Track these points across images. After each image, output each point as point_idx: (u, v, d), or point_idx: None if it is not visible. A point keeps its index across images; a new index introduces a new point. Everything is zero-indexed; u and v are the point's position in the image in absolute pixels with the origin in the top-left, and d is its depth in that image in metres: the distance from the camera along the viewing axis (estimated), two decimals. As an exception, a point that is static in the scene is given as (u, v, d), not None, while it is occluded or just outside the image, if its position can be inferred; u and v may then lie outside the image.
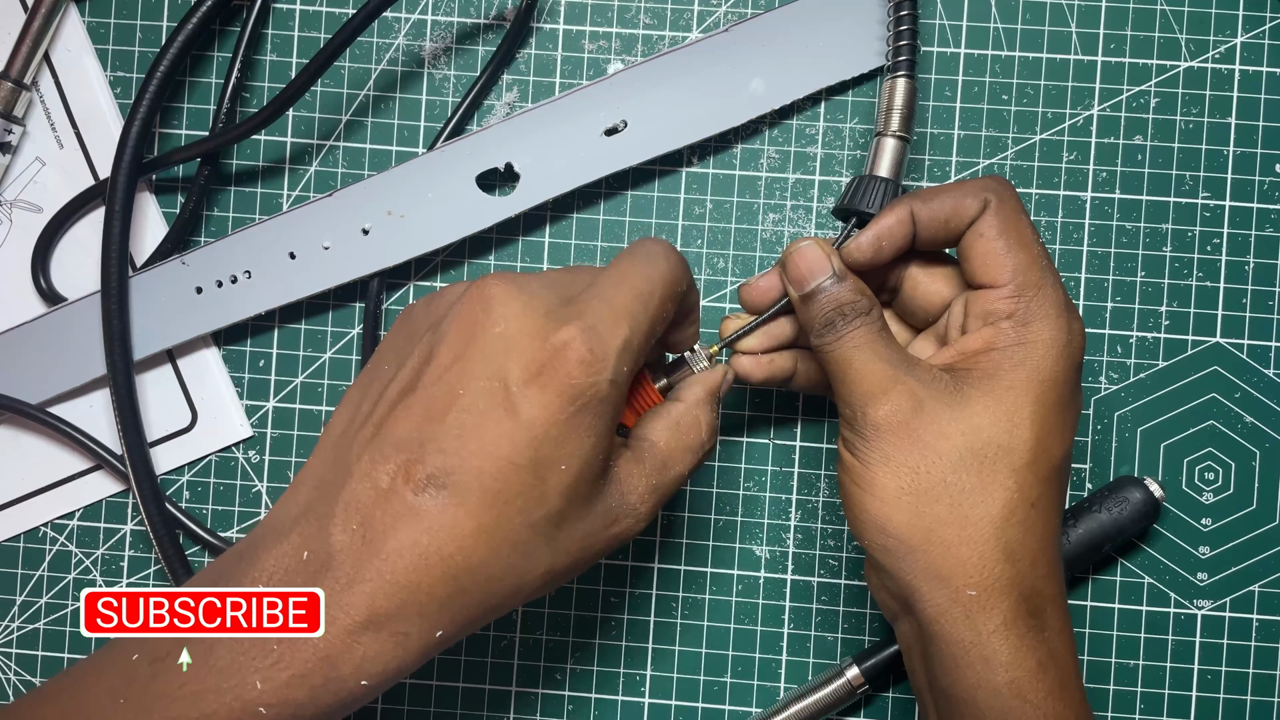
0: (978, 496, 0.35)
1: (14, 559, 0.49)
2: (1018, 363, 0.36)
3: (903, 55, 0.41)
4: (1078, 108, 0.47)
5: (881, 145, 0.41)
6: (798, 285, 0.38)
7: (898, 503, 0.36)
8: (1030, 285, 0.36)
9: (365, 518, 0.32)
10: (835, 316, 0.37)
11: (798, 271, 0.38)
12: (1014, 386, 0.36)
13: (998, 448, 0.35)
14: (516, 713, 0.48)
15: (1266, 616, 0.46)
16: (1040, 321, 0.36)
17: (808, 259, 0.38)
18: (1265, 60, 0.46)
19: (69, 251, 0.49)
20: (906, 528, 0.35)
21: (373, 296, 0.47)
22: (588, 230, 0.48)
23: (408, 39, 0.48)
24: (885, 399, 0.36)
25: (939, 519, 0.35)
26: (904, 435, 0.36)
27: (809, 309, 0.38)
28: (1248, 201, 0.46)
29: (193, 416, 0.49)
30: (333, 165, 0.48)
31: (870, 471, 0.36)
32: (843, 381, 0.37)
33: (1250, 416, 0.46)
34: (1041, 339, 0.36)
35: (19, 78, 0.47)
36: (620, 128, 0.46)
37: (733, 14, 0.47)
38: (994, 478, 0.35)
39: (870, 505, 0.36)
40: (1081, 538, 0.44)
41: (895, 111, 0.41)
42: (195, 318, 0.47)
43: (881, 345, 0.37)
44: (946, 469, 0.35)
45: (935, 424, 0.35)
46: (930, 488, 0.35)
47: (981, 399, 0.36)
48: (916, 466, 0.35)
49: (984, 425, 0.35)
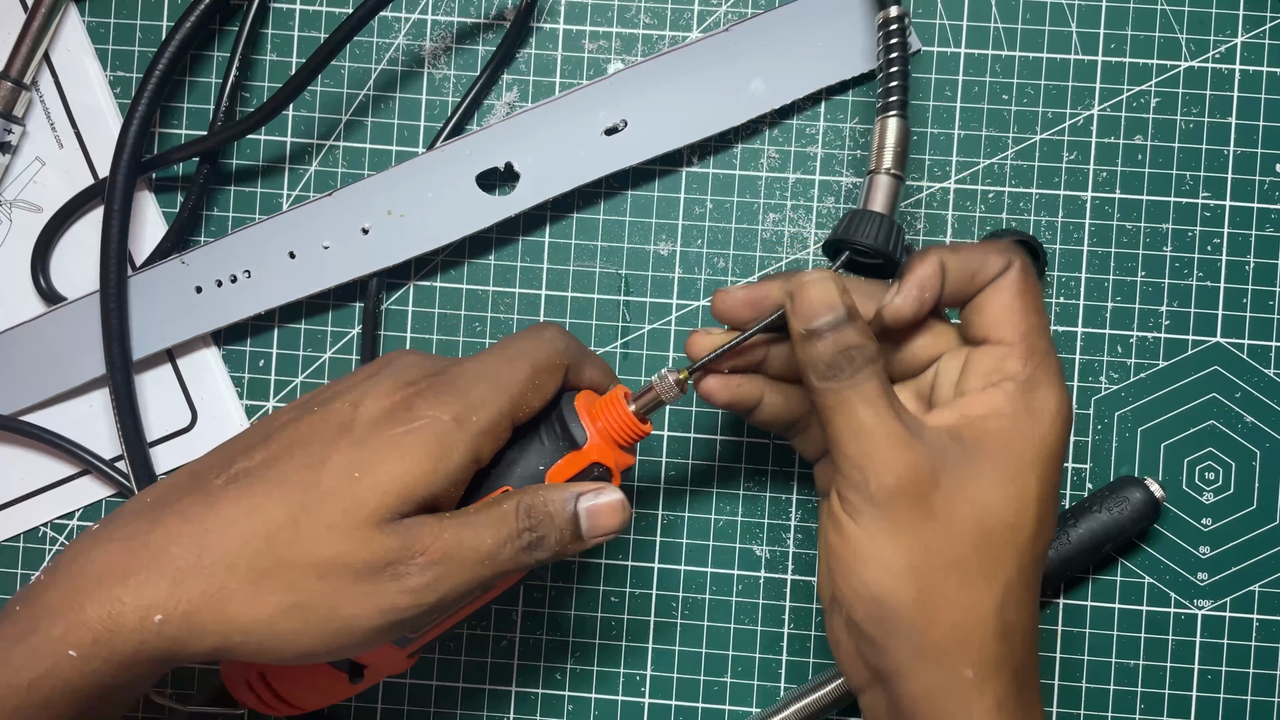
0: (983, 577, 0.34)
1: (14, 559, 0.49)
2: (1026, 435, 0.34)
3: (894, 95, 0.41)
4: (1078, 108, 0.47)
5: (875, 182, 0.40)
6: (805, 320, 0.35)
7: (902, 578, 0.33)
8: (1039, 350, 0.35)
9: (163, 495, 0.35)
10: (842, 360, 0.34)
11: (808, 306, 0.35)
12: (1023, 462, 0.34)
13: (1006, 527, 0.34)
14: (516, 713, 0.48)
15: (1267, 616, 0.46)
16: (1046, 390, 0.35)
17: (820, 292, 0.35)
18: (1265, 60, 0.46)
19: (68, 251, 0.49)
20: (909, 605, 0.34)
21: (372, 296, 0.47)
22: (588, 230, 0.48)
23: (408, 39, 0.48)
24: (900, 465, 0.33)
25: (945, 598, 0.34)
26: (917, 507, 0.33)
27: (812, 347, 0.35)
28: (1248, 201, 0.46)
29: (192, 416, 0.48)
30: (332, 165, 0.48)
31: (874, 542, 0.34)
32: (850, 437, 0.34)
33: (1250, 416, 0.46)
34: (1048, 409, 0.35)
35: (19, 77, 0.47)
36: (620, 127, 0.46)
37: (733, 14, 0.47)
38: (1000, 559, 0.34)
39: (870, 576, 0.34)
40: (1081, 538, 0.44)
41: (888, 149, 0.40)
42: (195, 317, 0.47)
43: (892, 401, 0.34)
44: (958, 548, 0.34)
45: (948, 498, 0.34)
46: (940, 566, 0.34)
47: (994, 474, 0.34)
48: (929, 544, 0.33)
49: (995, 503, 0.34)
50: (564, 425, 0.37)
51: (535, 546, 0.35)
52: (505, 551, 0.34)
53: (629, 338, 0.48)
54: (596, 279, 0.48)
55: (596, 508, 0.36)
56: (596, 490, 0.36)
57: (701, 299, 0.47)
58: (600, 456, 0.37)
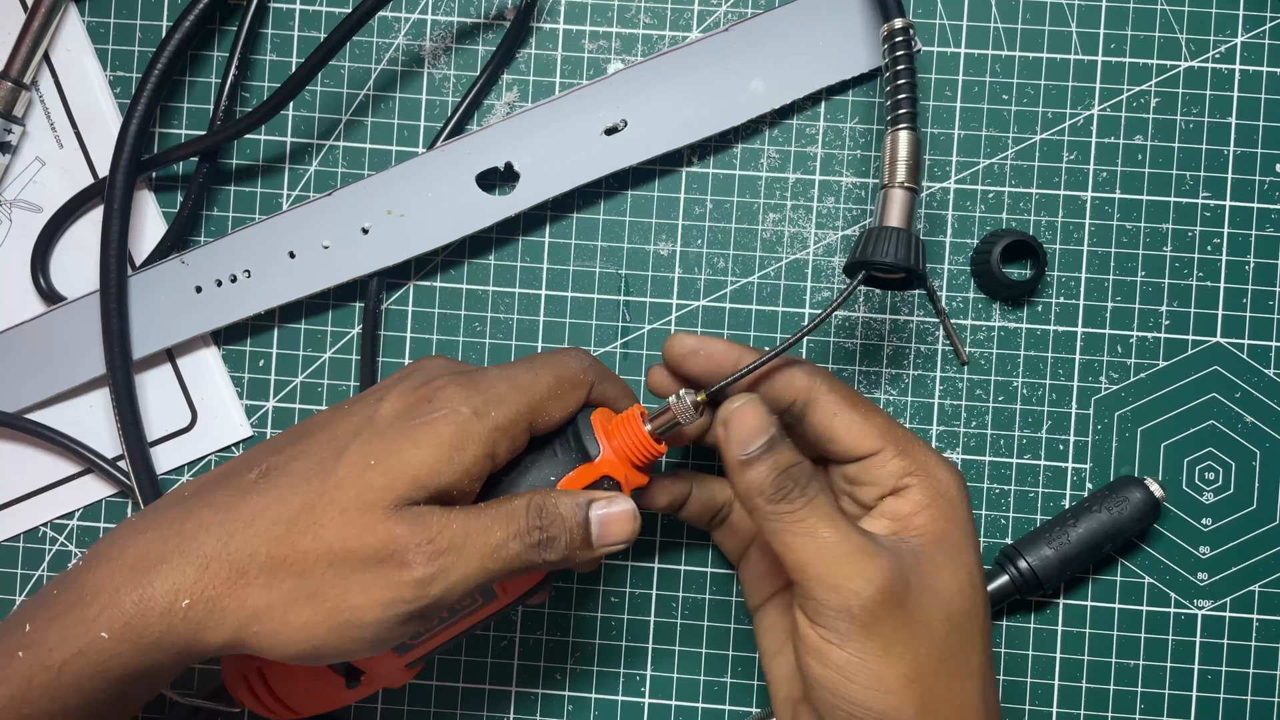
0: (963, 670, 0.35)
1: (14, 559, 0.49)
2: (952, 518, 0.36)
3: (903, 109, 0.40)
4: (1078, 108, 0.47)
5: (889, 196, 0.40)
6: (742, 446, 0.34)
7: (905, 693, 0.33)
8: (901, 438, 0.37)
9: (198, 489, 0.36)
10: (787, 482, 0.34)
11: (744, 431, 0.34)
12: (961, 546, 0.35)
13: (965, 614, 0.35)
14: (516, 713, 0.48)
15: (1267, 616, 0.46)
16: (938, 469, 0.36)
17: (753, 417, 0.35)
18: (1265, 60, 0.46)
19: (68, 251, 0.49)
20: (914, 717, 0.34)
21: (372, 296, 0.47)
22: (588, 230, 0.48)
23: (408, 39, 0.48)
24: (876, 575, 0.33)
25: (941, 699, 0.34)
26: (898, 616, 0.33)
27: (753, 472, 0.34)
28: (1248, 201, 0.46)
29: (192, 416, 0.48)
30: (332, 165, 0.48)
31: (870, 665, 0.33)
32: (815, 558, 0.34)
33: (1250, 416, 0.46)
34: (950, 485, 0.36)
35: (19, 77, 0.47)
36: (620, 127, 0.46)
37: (733, 14, 0.47)
38: (971, 645, 0.35)
39: (876, 702, 0.33)
40: (1081, 538, 0.44)
41: (901, 163, 0.40)
42: (195, 317, 0.47)
43: (844, 518, 0.34)
44: (940, 648, 0.34)
45: (919, 601, 0.34)
46: (931, 670, 0.34)
47: (946, 566, 0.35)
48: (917, 651, 0.34)
49: (954, 595, 0.35)
50: (578, 439, 0.38)
51: (544, 546, 0.35)
52: (513, 547, 0.34)
53: (629, 338, 0.48)
54: (596, 279, 0.48)
55: (608, 516, 0.36)
56: (609, 499, 0.36)
57: (701, 299, 0.47)
58: (612, 471, 0.37)
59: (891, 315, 0.47)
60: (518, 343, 0.48)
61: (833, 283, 0.47)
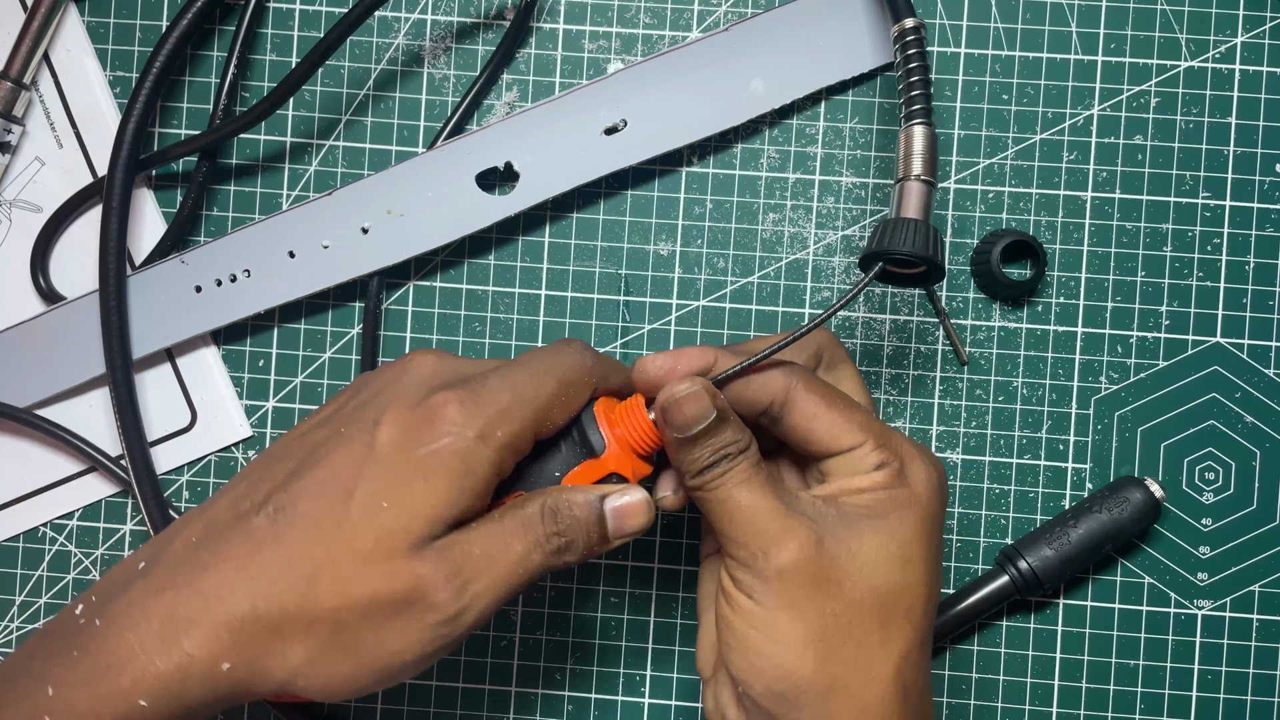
0: (880, 639, 0.35)
1: (14, 559, 0.49)
2: (903, 502, 0.35)
3: (917, 105, 0.39)
4: (1078, 107, 0.47)
5: (906, 189, 0.39)
6: (680, 430, 0.35)
7: (805, 650, 0.34)
8: (882, 432, 0.36)
9: (207, 533, 0.35)
10: (717, 458, 0.35)
11: (681, 419, 0.35)
12: (904, 524, 0.35)
13: (894, 587, 0.35)
14: (516, 713, 0.48)
15: (1267, 616, 0.46)
16: (912, 462, 0.36)
17: (692, 408, 0.35)
18: (1265, 60, 0.46)
19: (68, 251, 0.49)
20: (813, 675, 0.34)
21: (373, 296, 0.47)
22: (588, 230, 0.48)
23: (407, 39, 0.48)
24: (788, 539, 0.34)
25: (845, 664, 0.34)
26: (810, 577, 0.34)
27: (688, 453, 0.35)
28: (1248, 201, 0.46)
29: (192, 416, 0.48)
30: (332, 164, 0.48)
31: (773, 616, 0.34)
32: (731, 523, 0.35)
33: (1250, 416, 0.46)
34: (919, 479, 0.36)
35: (18, 77, 0.47)
36: (620, 127, 0.46)
37: (733, 14, 0.47)
38: (893, 619, 0.35)
39: (773, 652, 0.34)
40: (1081, 538, 0.44)
41: (916, 156, 0.39)
42: (194, 317, 0.47)
43: (765, 480, 0.35)
44: (853, 612, 0.34)
45: (836, 564, 0.34)
46: (837, 632, 0.34)
47: (874, 536, 0.35)
48: (824, 610, 0.34)
49: (879, 564, 0.35)
50: (582, 433, 0.37)
51: (564, 550, 0.35)
52: (535, 557, 0.35)
53: (629, 338, 0.48)
54: (596, 279, 0.48)
55: (623, 508, 0.36)
56: (621, 490, 0.36)
57: (701, 299, 0.47)
58: (618, 466, 0.37)
59: (891, 315, 0.47)
60: (518, 343, 0.48)
61: (833, 283, 0.47)
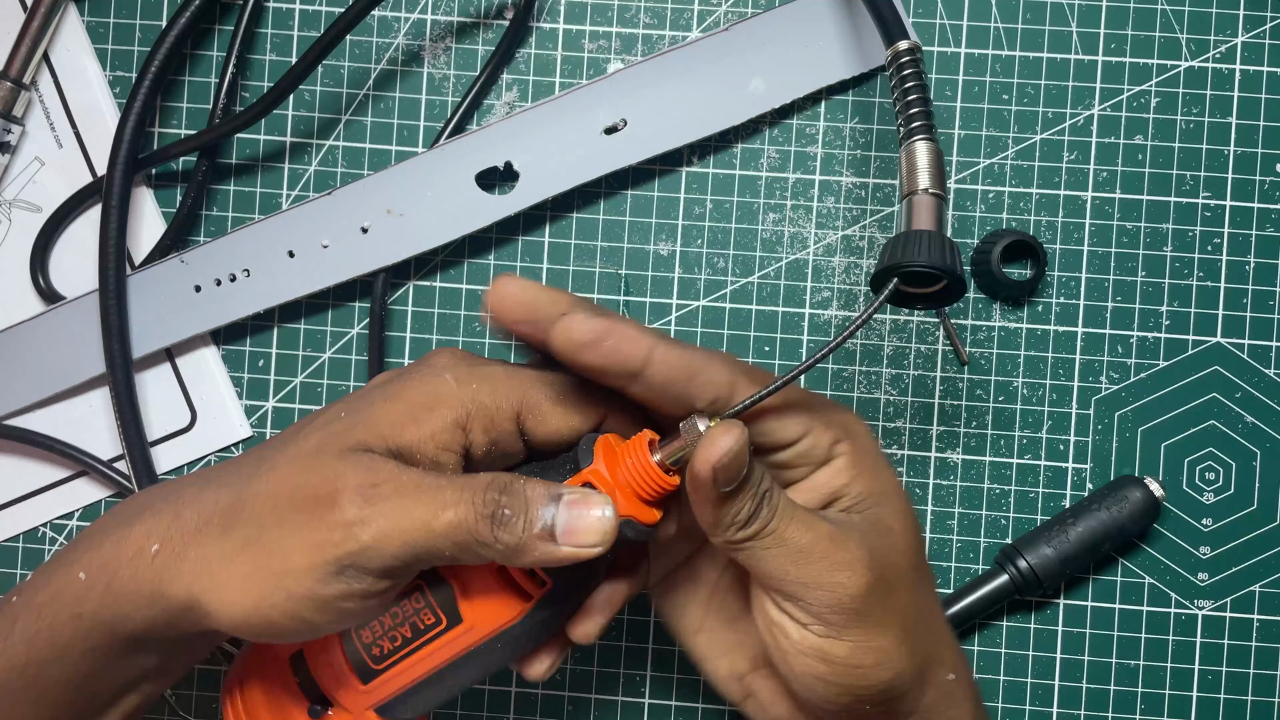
0: (929, 602, 0.36)
1: (14, 559, 0.49)
2: (875, 468, 0.35)
3: (916, 121, 0.37)
4: (1078, 107, 0.47)
5: (915, 203, 0.36)
6: (728, 483, 0.31)
7: (901, 651, 0.33)
8: (820, 408, 0.35)
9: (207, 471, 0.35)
10: (758, 503, 0.32)
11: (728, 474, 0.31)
12: (890, 489, 0.35)
13: (915, 551, 0.35)
14: (516, 713, 0.48)
15: (1267, 616, 0.46)
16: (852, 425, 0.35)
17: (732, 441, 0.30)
18: (1266, 60, 0.46)
19: (68, 251, 0.49)
20: (916, 673, 0.34)
21: (378, 295, 0.47)
22: (587, 229, 0.48)
23: (407, 38, 0.48)
24: (855, 566, 0.32)
25: (923, 639, 0.35)
26: (881, 588, 0.33)
27: (730, 506, 0.31)
28: (1248, 201, 0.46)
29: (192, 416, 0.48)
30: (332, 164, 0.48)
31: (873, 644, 0.33)
32: (795, 564, 0.32)
33: (1250, 416, 0.46)
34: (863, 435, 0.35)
35: (18, 77, 0.47)
36: (620, 127, 0.46)
37: (733, 13, 0.47)
38: (925, 577, 0.36)
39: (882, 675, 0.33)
40: (1081, 537, 0.44)
41: (921, 170, 0.36)
42: (194, 316, 0.47)
43: (799, 504, 0.33)
44: (916, 600, 0.34)
45: (886, 561, 0.33)
46: (915, 623, 0.34)
47: (895, 518, 0.35)
48: (897, 606, 0.33)
49: (903, 534, 0.35)
50: (576, 464, 0.34)
51: (498, 522, 0.31)
52: (463, 511, 0.31)
53: (629, 337, 0.48)
54: (596, 279, 0.48)
55: (577, 511, 0.32)
56: (583, 493, 0.32)
57: (701, 299, 0.47)
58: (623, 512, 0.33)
59: (892, 315, 0.47)
60: (517, 343, 0.48)
61: (833, 283, 0.47)
